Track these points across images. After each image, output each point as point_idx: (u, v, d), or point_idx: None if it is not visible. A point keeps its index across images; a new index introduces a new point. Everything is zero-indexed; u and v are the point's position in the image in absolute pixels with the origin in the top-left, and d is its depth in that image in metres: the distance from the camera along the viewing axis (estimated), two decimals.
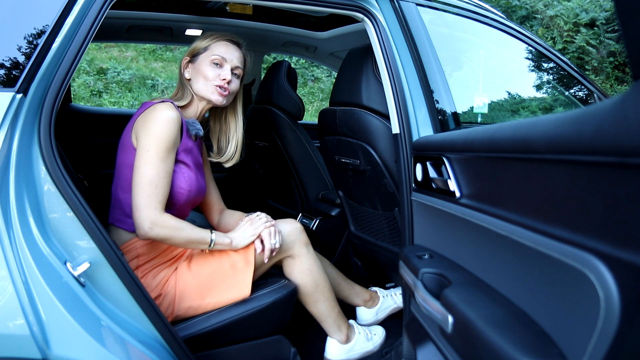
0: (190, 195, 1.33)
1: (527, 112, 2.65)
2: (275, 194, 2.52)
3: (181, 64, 1.43)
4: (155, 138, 1.20)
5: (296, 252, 1.46)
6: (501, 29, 1.77)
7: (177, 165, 1.29)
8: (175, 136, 1.24)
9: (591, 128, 0.51)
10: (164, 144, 1.21)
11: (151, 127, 1.21)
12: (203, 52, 1.39)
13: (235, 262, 1.34)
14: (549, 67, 2.03)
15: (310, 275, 1.46)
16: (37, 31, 0.96)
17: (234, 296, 1.32)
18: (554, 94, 2.26)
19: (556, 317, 0.65)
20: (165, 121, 1.22)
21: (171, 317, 1.28)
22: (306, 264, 1.46)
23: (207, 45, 1.40)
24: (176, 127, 1.24)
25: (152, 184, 1.19)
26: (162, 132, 1.21)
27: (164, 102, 1.27)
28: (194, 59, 1.40)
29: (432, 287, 0.99)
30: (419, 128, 1.32)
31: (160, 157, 1.20)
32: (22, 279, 0.83)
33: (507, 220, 0.76)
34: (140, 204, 1.18)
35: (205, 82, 1.37)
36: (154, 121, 1.22)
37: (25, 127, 0.92)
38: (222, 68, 1.39)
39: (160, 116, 1.22)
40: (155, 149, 1.20)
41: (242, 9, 2.36)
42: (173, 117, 1.23)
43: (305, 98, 7.04)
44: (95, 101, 6.05)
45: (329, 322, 1.54)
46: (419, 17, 1.45)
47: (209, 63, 1.37)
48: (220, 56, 1.38)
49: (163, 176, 1.21)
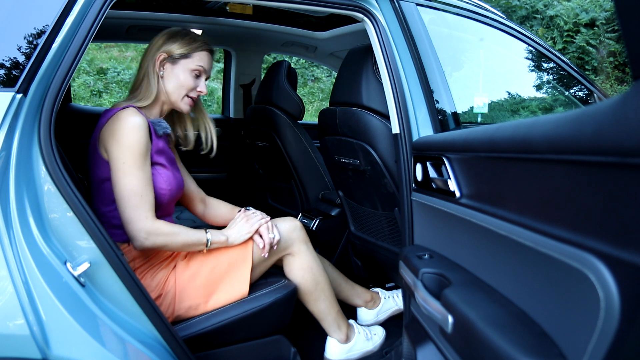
0: (172, 193, 1.33)
1: (527, 112, 2.65)
2: (275, 194, 2.51)
3: (152, 58, 1.33)
4: (127, 148, 1.17)
5: (296, 250, 1.46)
6: (501, 29, 1.77)
7: (153, 168, 1.27)
8: (146, 141, 1.21)
9: (591, 128, 0.51)
10: (137, 152, 1.18)
11: (120, 138, 1.18)
12: (184, 58, 1.33)
13: (234, 260, 1.35)
14: (549, 67, 2.03)
15: (310, 273, 1.47)
16: (37, 31, 0.96)
17: (233, 295, 1.32)
18: (554, 94, 2.26)
19: (556, 317, 0.65)
20: (133, 129, 1.18)
21: (172, 317, 1.28)
22: (306, 261, 1.47)
23: (191, 52, 1.33)
24: (145, 133, 1.21)
25: (137, 195, 1.18)
26: (132, 140, 1.18)
27: (127, 108, 1.23)
28: (175, 61, 1.33)
29: (432, 287, 0.99)
30: (419, 128, 1.32)
31: (137, 166, 1.18)
32: (22, 279, 0.83)
33: (507, 220, 0.76)
34: (130, 217, 1.17)
35: (180, 89, 1.34)
36: (121, 131, 1.18)
37: (25, 127, 0.92)
38: (199, 79, 1.36)
39: (127, 125, 1.18)
40: (130, 159, 1.17)
41: (242, 9, 2.36)
42: (140, 124, 1.19)
43: (305, 98, 7.05)
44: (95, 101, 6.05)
45: (328, 321, 1.54)
46: (419, 17, 1.45)
47: (190, 72, 1.33)
48: (202, 68, 1.35)
49: (145, 184, 1.19)
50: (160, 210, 1.31)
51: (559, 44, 6.68)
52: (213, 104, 6.50)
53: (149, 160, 1.23)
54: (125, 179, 1.17)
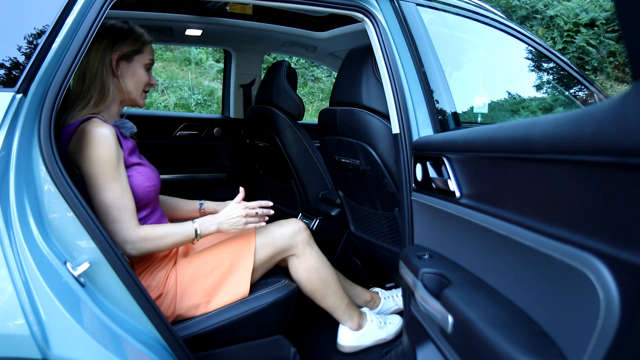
0: (156, 187, 1.32)
1: (527, 112, 2.65)
2: (275, 194, 2.52)
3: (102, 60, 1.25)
4: (97, 163, 1.13)
5: (300, 251, 1.46)
6: (501, 29, 1.77)
7: (131, 169, 1.25)
8: (116, 151, 1.17)
9: (591, 128, 0.51)
10: (109, 165, 1.15)
11: (88, 153, 1.13)
12: (138, 54, 1.31)
13: (235, 259, 1.35)
14: (549, 67, 2.03)
15: (316, 273, 1.48)
16: (37, 31, 0.96)
17: (234, 295, 1.32)
18: (554, 94, 2.26)
19: (556, 317, 0.65)
20: (101, 142, 1.14)
21: (172, 317, 1.28)
22: (312, 262, 1.47)
23: (142, 47, 1.32)
24: (114, 142, 1.16)
25: (115, 208, 1.15)
26: (101, 154, 1.14)
27: (90, 120, 1.18)
28: (130, 59, 1.30)
29: (432, 287, 0.99)
30: (419, 128, 1.32)
31: (111, 179, 1.15)
32: (22, 279, 0.83)
33: (507, 220, 0.76)
34: (112, 231, 1.16)
35: (139, 85, 1.33)
36: (89, 146, 1.13)
37: (25, 127, 0.92)
38: (149, 72, 1.36)
39: (94, 139, 1.13)
40: (101, 174, 1.14)
41: (242, 8, 2.36)
42: (107, 134, 1.15)
43: (305, 98, 7.05)
44: None
45: (339, 313, 1.57)
46: (419, 17, 1.45)
47: (143, 66, 1.33)
48: (152, 60, 1.36)
49: (122, 195, 1.17)
50: (149, 208, 1.31)
51: (559, 44, 6.68)
52: (213, 104, 6.50)
53: (122, 169, 1.20)
54: (101, 195, 1.14)
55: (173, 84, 6.44)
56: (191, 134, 2.75)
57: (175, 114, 4.09)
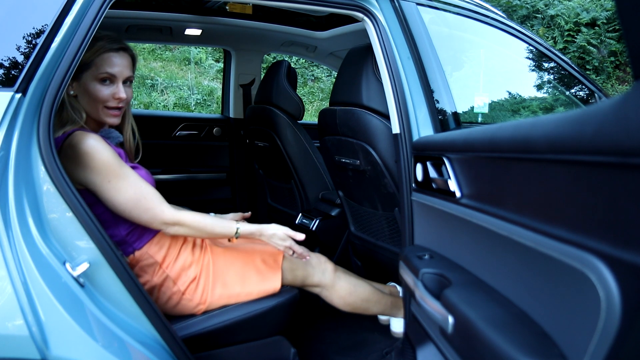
0: None
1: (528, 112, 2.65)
2: (275, 194, 2.51)
3: None
4: (102, 168, 1.11)
5: (329, 283, 1.50)
6: (502, 28, 1.76)
7: None
8: (112, 151, 1.14)
9: (592, 128, 0.51)
10: (114, 165, 1.12)
11: (87, 164, 1.10)
12: (85, 71, 1.18)
13: (265, 259, 1.39)
14: (549, 66, 2.03)
15: (352, 296, 1.52)
16: (36, 31, 0.95)
17: (266, 288, 1.35)
18: (555, 94, 2.26)
19: (557, 317, 0.65)
20: (94, 148, 1.11)
21: (205, 305, 1.29)
22: (343, 289, 1.51)
23: (88, 60, 1.17)
24: (106, 145, 1.13)
25: (142, 198, 1.15)
26: (102, 159, 1.11)
27: (73, 134, 1.13)
28: (77, 76, 1.18)
29: (432, 287, 0.99)
30: (419, 128, 1.32)
31: (122, 176, 1.13)
32: (21, 279, 0.83)
33: (508, 221, 0.76)
34: (149, 220, 1.16)
35: (95, 103, 1.20)
36: (84, 156, 1.09)
37: (24, 127, 0.92)
38: (114, 85, 1.21)
39: (85, 149, 1.10)
40: (113, 175, 1.12)
41: (242, 8, 2.36)
42: (96, 139, 1.12)
43: (305, 98, 7.05)
44: None
45: (387, 312, 1.64)
46: (419, 17, 1.45)
47: (97, 81, 1.19)
48: (109, 73, 1.20)
49: (140, 184, 1.16)
50: None
51: (560, 44, 6.67)
52: (213, 103, 6.50)
53: (124, 164, 1.17)
54: (121, 195, 1.13)
55: (172, 84, 6.44)
56: (191, 133, 2.75)
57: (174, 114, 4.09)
